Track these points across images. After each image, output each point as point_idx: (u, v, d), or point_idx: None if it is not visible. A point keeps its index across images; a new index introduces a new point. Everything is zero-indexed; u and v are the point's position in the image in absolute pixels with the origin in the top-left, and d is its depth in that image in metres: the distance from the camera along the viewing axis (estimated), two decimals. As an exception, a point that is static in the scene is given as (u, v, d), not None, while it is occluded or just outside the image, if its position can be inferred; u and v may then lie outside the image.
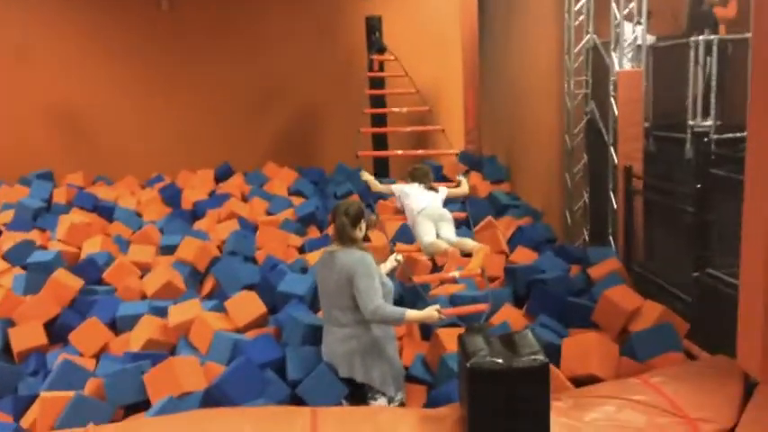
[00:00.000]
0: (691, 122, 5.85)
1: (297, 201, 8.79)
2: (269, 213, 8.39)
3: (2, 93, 10.11)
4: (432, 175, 5.72)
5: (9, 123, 10.12)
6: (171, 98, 10.61)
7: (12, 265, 6.62)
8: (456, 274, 5.12)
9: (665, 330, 4.67)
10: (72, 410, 4.08)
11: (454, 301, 5.24)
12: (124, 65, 10.46)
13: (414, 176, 5.63)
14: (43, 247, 7.10)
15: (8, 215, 8.06)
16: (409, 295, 5.19)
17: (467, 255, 5.29)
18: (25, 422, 4.30)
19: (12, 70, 10.15)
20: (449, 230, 5.29)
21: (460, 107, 11.16)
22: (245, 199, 9.01)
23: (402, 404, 4.13)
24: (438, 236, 5.21)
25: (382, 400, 4.06)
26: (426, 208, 5.32)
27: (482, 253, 4.99)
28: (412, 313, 3.96)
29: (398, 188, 5.67)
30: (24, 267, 6.47)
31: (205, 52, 10.63)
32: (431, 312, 3.97)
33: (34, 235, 7.45)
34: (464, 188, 5.90)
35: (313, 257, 6.37)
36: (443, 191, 5.64)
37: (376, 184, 5.84)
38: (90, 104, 10.45)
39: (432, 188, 5.55)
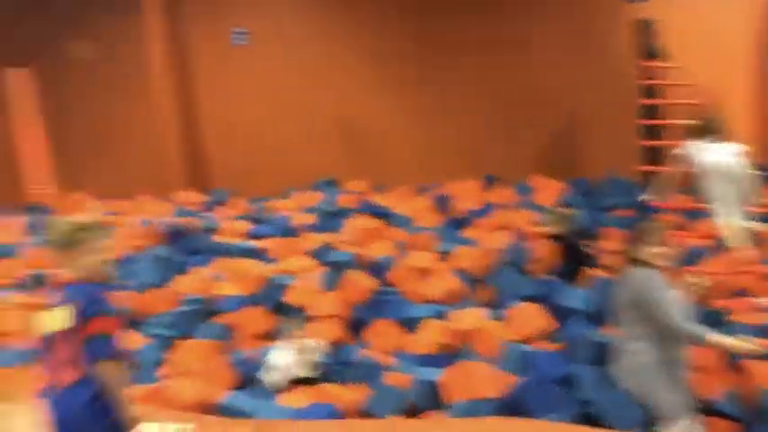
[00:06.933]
0: None
1: (566, 214, 8.65)
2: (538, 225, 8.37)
3: (296, 109, 11.49)
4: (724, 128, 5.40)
5: (302, 136, 11.48)
6: (443, 113, 11.18)
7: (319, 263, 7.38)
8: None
9: None
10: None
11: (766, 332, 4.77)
12: (404, 88, 11.30)
13: (706, 129, 5.40)
14: (334, 248, 7.84)
15: (306, 218, 9.06)
16: (705, 320, 4.84)
17: None
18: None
19: (303, 89, 11.51)
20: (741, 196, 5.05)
21: (747, 116, 10.13)
22: (513, 209, 9.10)
23: None
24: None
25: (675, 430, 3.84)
26: (720, 162, 5.09)
27: None
28: (716, 336, 3.71)
29: (690, 148, 5.44)
30: (323, 265, 7.20)
31: (475, 68, 10.98)
32: (742, 341, 3.69)
33: (327, 237, 8.26)
34: None
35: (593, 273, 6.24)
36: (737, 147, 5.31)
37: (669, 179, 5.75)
38: (370, 120, 11.44)
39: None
